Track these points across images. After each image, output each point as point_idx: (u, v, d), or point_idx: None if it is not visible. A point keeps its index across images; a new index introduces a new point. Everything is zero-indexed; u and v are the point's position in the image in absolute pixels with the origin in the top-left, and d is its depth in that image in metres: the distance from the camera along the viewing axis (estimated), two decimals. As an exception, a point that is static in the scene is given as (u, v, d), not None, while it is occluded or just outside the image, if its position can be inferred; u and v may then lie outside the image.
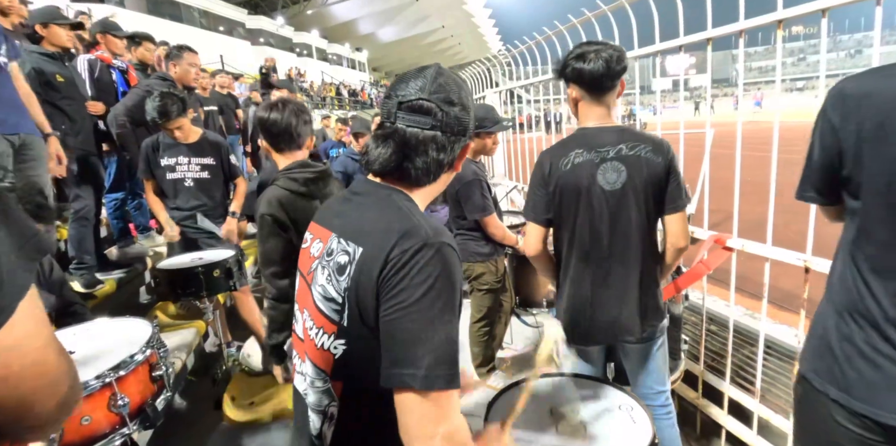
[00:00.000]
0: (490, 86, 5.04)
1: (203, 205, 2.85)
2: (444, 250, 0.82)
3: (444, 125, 0.89)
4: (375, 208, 0.90)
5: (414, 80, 0.90)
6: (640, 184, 1.51)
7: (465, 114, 0.91)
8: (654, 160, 1.50)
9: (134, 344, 1.21)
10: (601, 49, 1.46)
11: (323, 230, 0.96)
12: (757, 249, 1.94)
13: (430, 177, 0.92)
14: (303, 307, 0.97)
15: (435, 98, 0.88)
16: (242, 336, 3.11)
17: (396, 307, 0.79)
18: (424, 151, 0.89)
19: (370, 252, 0.82)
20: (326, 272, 0.89)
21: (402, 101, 0.88)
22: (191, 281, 2.36)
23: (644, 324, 1.62)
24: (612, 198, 1.53)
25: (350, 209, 0.94)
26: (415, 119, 0.88)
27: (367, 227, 0.87)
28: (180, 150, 2.77)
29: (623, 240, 1.56)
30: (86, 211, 3.00)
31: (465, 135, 0.92)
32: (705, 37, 2.01)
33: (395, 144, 0.89)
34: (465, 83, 0.95)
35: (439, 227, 0.86)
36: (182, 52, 3.46)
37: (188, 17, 21.21)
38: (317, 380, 0.92)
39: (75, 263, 3.01)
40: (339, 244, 0.89)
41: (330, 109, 20.65)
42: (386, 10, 31.78)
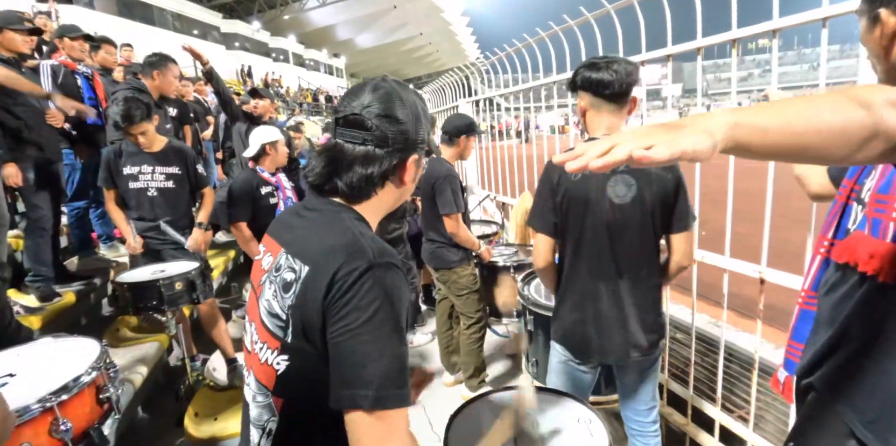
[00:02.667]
0: (468, 94, 5.07)
1: (167, 215, 2.78)
2: (390, 271, 0.82)
3: (378, 139, 0.89)
4: (323, 226, 0.90)
5: (356, 94, 0.91)
6: (649, 199, 1.49)
7: (407, 126, 0.90)
8: (664, 176, 1.48)
9: (80, 366, 1.17)
10: (613, 61, 1.47)
11: (274, 244, 0.96)
12: (716, 261, 1.99)
13: (360, 192, 0.92)
14: (251, 319, 0.97)
15: (368, 111, 0.88)
16: (209, 348, 3.04)
17: (344, 329, 0.79)
18: (350, 165, 0.89)
19: (316, 272, 0.83)
20: (273, 287, 0.89)
21: (339, 115, 0.90)
22: (151, 294, 2.30)
23: (647, 341, 1.59)
24: (620, 211, 1.51)
25: (300, 225, 0.95)
26: (350, 133, 0.89)
27: (313, 246, 0.87)
28: (144, 159, 2.70)
29: (630, 254, 1.54)
30: (43, 221, 2.89)
31: (406, 149, 0.92)
32: (666, 53, 2.06)
33: (327, 158, 0.90)
34: (414, 95, 0.94)
35: (385, 247, 0.86)
36: (167, 63, 3.37)
37: (161, 19, 20.84)
38: (258, 395, 0.92)
39: (31, 275, 2.89)
40: (287, 260, 0.89)
41: (306, 116, 20.45)
42: (364, 16, 31.78)
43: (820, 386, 0.90)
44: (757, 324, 1.88)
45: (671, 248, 1.58)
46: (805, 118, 0.55)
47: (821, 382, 0.89)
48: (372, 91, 0.90)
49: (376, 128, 0.88)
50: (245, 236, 2.91)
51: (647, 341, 1.60)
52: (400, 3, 30.97)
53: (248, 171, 3.02)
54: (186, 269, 2.42)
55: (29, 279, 2.89)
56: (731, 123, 0.56)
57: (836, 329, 0.86)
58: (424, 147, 0.97)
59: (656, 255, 1.58)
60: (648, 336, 1.60)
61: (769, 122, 0.56)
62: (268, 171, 2.99)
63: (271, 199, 2.97)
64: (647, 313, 1.58)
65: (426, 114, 0.97)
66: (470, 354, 2.81)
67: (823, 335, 0.89)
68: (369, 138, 0.88)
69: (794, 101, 0.58)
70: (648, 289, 1.58)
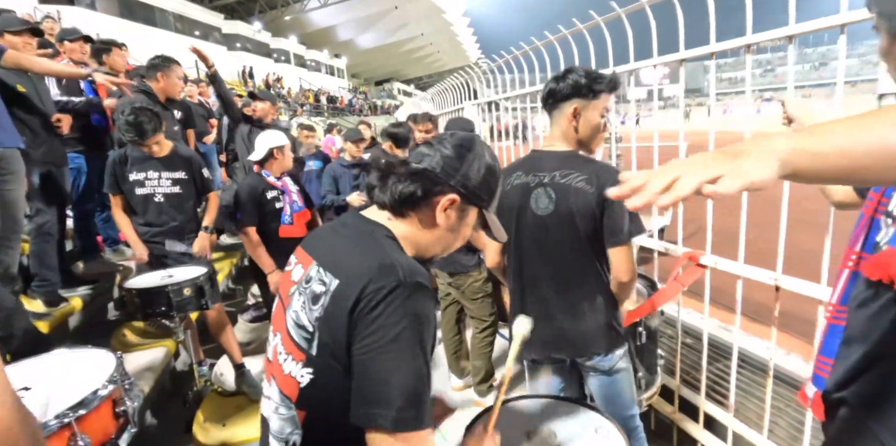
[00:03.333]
0: (473, 96, 5.05)
1: (173, 221, 2.76)
2: (419, 291, 0.83)
3: (433, 164, 0.93)
4: (356, 241, 0.92)
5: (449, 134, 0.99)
6: (567, 212, 1.52)
7: (464, 168, 0.94)
8: (584, 190, 1.49)
9: (96, 379, 1.15)
10: (559, 76, 1.54)
11: (306, 256, 0.97)
12: (729, 267, 1.97)
13: (398, 205, 0.93)
14: (276, 330, 0.98)
15: (443, 142, 0.95)
16: (215, 352, 3.03)
17: (369, 346, 0.79)
18: (401, 177, 0.92)
19: (345, 285, 0.83)
20: (302, 299, 0.89)
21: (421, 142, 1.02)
22: (160, 300, 2.28)
23: (582, 345, 1.61)
24: (542, 223, 1.55)
25: (334, 239, 0.96)
26: (418, 152, 0.96)
27: (345, 260, 0.88)
28: (150, 164, 2.68)
29: (554, 263, 1.58)
30: (48, 226, 2.87)
31: (451, 186, 0.93)
32: (679, 58, 2.05)
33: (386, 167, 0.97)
34: (490, 157, 0.99)
35: (416, 267, 0.86)
36: (170, 64, 3.35)
37: (162, 20, 20.86)
38: (281, 407, 0.92)
39: (37, 280, 2.88)
40: (318, 273, 0.89)
41: (307, 117, 20.44)
42: (365, 16, 31.81)
43: (853, 403, 0.88)
44: (771, 331, 1.87)
45: (610, 260, 1.56)
46: (865, 142, 0.53)
47: (854, 398, 0.88)
48: (459, 135, 0.98)
49: (438, 155, 0.93)
50: (253, 241, 2.90)
51: (582, 349, 1.61)
52: (401, 4, 30.99)
53: (253, 176, 3.00)
54: (195, 275, 2.41)
55: (35, 284, 2.88)
56: (790, 150, 0.54)
57: (871, 345, 0.84)
58: (478, 201, 0.98)
59: (590, 266, 1.57)
60: (585, 344, 1.61)
61: (828, 147, 0.54)
62: (273, 176, 2.97)
63: (277, 204, 2.95)
64: (582, 322, 1.59)
65: (494, 176, 0.99)
66: (481, 358, 2.80)
67: (856, 351, 0.88)
68: (428, 159, 0.93)
69: (850, 122, 0.56)
70: (580, 299, 1.58)
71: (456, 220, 0.97)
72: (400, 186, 0.91)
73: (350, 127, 18.89)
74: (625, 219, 1.50)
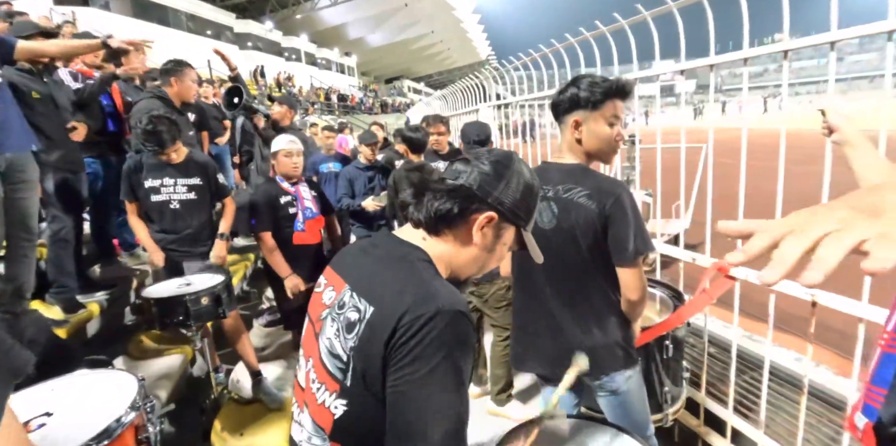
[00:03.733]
0: (483, 98, 5.00)
1: (189, 228, 2.75)
2: (459, 319, 0.79)
3: (470, 180, 0.89)
4: (392, 266, 0.88)
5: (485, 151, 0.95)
6: (568, 227, 1.47)
7: (503, 186, 0.90)
8: (586, 206, 1.43)
9: (118, 404, 1.13)
10: (565, 85, 1.49)
11: (338, 278, 0.94)
12: (762, 280, 1.90)
13: (433, 223, 0.90)
14: (308, 355, 0.94)
15: (481, 158, 0.91)
16: (232, 356, 3.01)
17: (405, 379, 0.76)
18: (437, 194, 0.89)
19: (381, 314, 0.79)
20: (336, 326, 0.86)
21: (457, 157, 0.96)
22: (177, 309, 2.27)
23: (591, 367, 1.52)
24: (545, 236, 1.50)
25: (367, 262, 0.92)
26: (455, 168, 0.92)
27: (380, 286, 0.84)
28: (165, 171, 2.67)
29: (557, 278, 1.54)
30: (65, 232, 2.87)
31: (489, 204, 0.90)
32: (709, 63, 1.98)
33: (420, 183, 0.94)
34: (530, 175, 0.96)
35: (455, 294, 0.82)
36: (183, 68, 3.34)
37: (175, 20, 21.01)
38: (315, 437, 0.89)
39: (55, 287, 2.88)
40: (352, 299, 0.86)
41: (318, 115, 20.48)
42: (375, 15, 31.78)
43: None
44: (807, 347, 1.80)
45: (619, 278, 1.50)
46: None
47: None
48: (495, 152, 0.94)
49: (475, 171, 0.90)
50: (269, 246, 2.88)
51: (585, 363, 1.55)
52: (411, 2, 30.92)
53: (268, 182, 2.99)
54: (212, 284, 2.39)
55: (53, 291, 2.89)
56: None
57: None
58: (516, 219, 0.94)
59: (594, 283, 1.52)
60: (592, 364, 1.52)
61: None
62: (287, 181, 2.94)
63: (290, 209, 2.93)
64: (587, 337, 1.53)
65: (532, 194, 0.96)
66: (502, 366, 2.75)
67: None
68: (465, 175, 0.90)
69: None
70: (586, 315, 1.53)
71: (492, 239, 0.94)
72: (436, 204, 0.88)
73: (361, 125, 18.81)
74: (630, 236, 1.43)
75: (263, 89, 20.82)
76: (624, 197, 1.42)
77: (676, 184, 2.48)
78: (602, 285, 1.52)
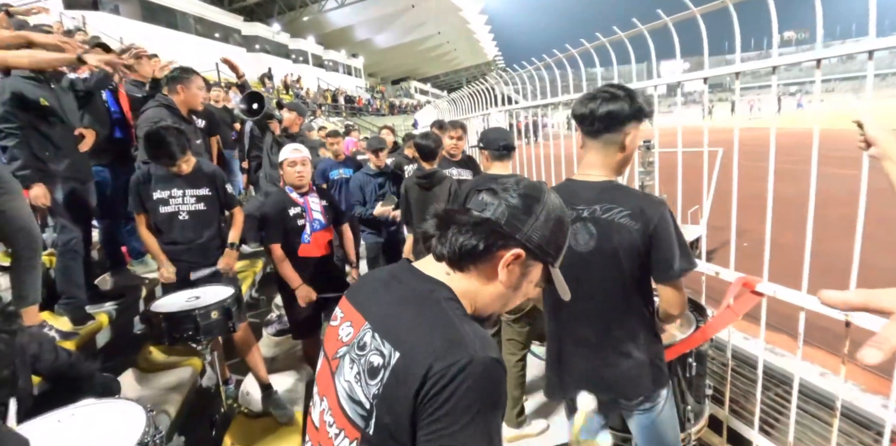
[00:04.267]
0: (493, 102, 4.93)
1: (199, 239, 2.71)
2: (493, 367, 0.73)
3: (498, 212, 0.83)
4: (416, 305, 0.82)
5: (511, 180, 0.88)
6: (610, 250, 1.40)
7: (532, 221, 0.83)
8: (629, 226, 1.37)
9: (126, 442, 1.08)
10: (604, 95, 1.37)
11: (356, 314, 0.88)
12: (791, 297, 1.83)
13: (458, 258, 0.83)
14: (323, 393, 0.88)
15: (508, 189, 0.85)
16: (242, 366, 2.96)
17: (439, 433, 0.70)
18: (462, 228, 0.82)
19: (408, 361, 0.74)
20: (356, 369, 0.80)
21: (482, 187, 0.88)
22: (187, 324, 2.22)
23: (624, 388, 1.51)
24: (581, 259, 1.43)
25: (389, 298, 0.86)
26: (480, 199, 0.86)
27: (405, 329, 0.78)
28: (174, 182, 2.63)
29: (595, 302, 1.47)
30: (74, 243, 2.84)
31: (517, 241, 0.83)
32: (733, 71, 1.90)
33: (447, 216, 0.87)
34: (560, 211, 0.88)
35: (487, 339, 0.77)
36: (190, 75, 3.30)
37: (184, 24, 21.12)
38: None
39: (64, 298, 2.85)
40: (374, 340, 0.80)
41: (326, 117, 20.50)
42: (382, 16, 31.79)
43: None
44: (841, 369, 1.72)
45: (660, 295, 1.47)
46: None
47: None
48: (524, 183, 0.87)
49: (503, 204, 0.83)
50: (278, 257, 2.84)
51: (621, 393, 1.51)
52: (418, 3, 30.92)
53: (278, 192, 2.95)
54: (222, 297, 2.35)
55: (61, 302, 2.85)
56: None
57: None
58: (544, 257, 0.87)
59: (634, 305, 1.47)
60: (624, 387, 1.50)
61: None
62: (296, 191, 2.89)
63: (299, 221, 2.87)
64: (623, 362, 1.48)
65: (563, 230, 0.89)
66: (518, 387, 2.64)
67: None
68: (492, 208, 0.83)
69: None
70: (623, 338, 1.48)
71: (519, 277, 0.87)
72: (461, 238, 0.82)
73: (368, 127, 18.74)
74: (675, 255, 1.38)
75: (271, 92, 20.87)
76: (667, 215, 1.37)
77: (690, 189, 2.41)
78: (640, 306, 1.48)
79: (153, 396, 2.58)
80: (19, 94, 2.60)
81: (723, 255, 2.18)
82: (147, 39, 13.46)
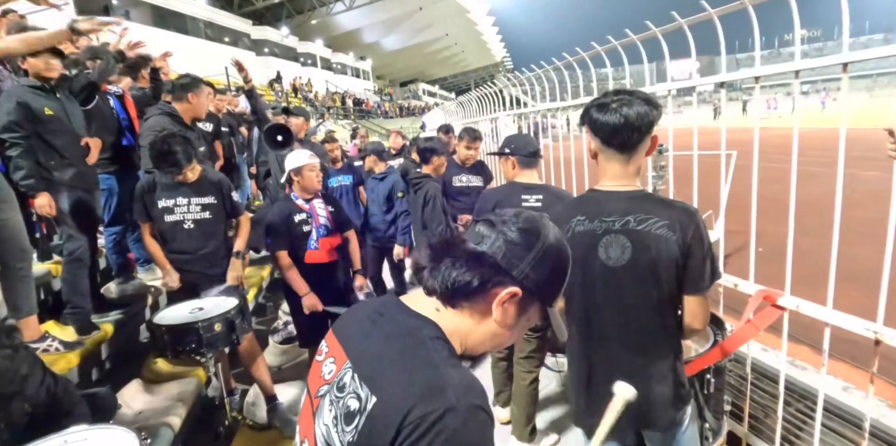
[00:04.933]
0: (499, 105, 4.87)
1: (204, 248, 2.68)
2: (474, 416, 0.68)
3: (494, 248, 0.77)
4: (398, 347, 0.77)
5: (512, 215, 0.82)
6: (647, 263, 1.33)
7: (528, 257, 0.77)
8: (667, 237, 1.30)
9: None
10: (626, 100, 1.29)
11: (339, 350, 0.83)
12: (815, 312, 1.74)
13: (450, 293, 0.78)
14: (304, 435, 0.84)
15: (507, 223, 0.79)
16: (247, 375, 2.91)
17: None
18: (456, 261, 0.77)
19: (384, 407, 0.69)
20: (334, 412, 0.76)
21: (481, 218, 0.83)
22: (189, 337, 2.19)
23: (657, 413, 1.43)
24: (613, 275, 1.36)
25: (373, 335, 0.81)
26: (477, 231, 0.80)
27: (385, 372, 0.74)
28: (179, 191, 2.60)
29: (627, 320, 1.40)
30: (80, 252, 2.81)
31: (513, 278, 0.77)
32: (753, 74, 1.83)
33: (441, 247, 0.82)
34: (561, 249, 0.82)
35: (470, 384, 0.71)
36: (200, 84, 3.26)
37: (194, 28, 21.30)
38: None
39: (69, 307, 2.83)
40: (353, 382, 0.76)
41: (334, 120, 20.53)
42: (390, 18, 31.86)
43: None
44: (870, 388, 1.63)
45: (683, 307, 1.40)
46: None
47: None
48: (524, 216, 0.81)
49: (500, 238, 0.77)
50: (285, 264, 2.80)
51: (654, 415, 1.43)
52: (425, 5, 30.93)
53: (283, 199, 2.91)
54: (225, 309, 2.31)
55: (67, 311, 2.83)
56: None
57: None
58: (542, 297, 0.81)
59: (669, 324, 1.41)
60: (657, 409, 1.42)
61: None
62: (301, 198, 2.85)
63: (305, 227, 2.83)
64: (657, 385, 1.41)
65: (563, 269, 0.83)
66: (530, 406, 2.52)
67: None
68: (489, 241, 0.78)
69: None
70: (654, 361, 1.41)
71: (514, 317, 0.81)
72: (454, 273, 0.76)
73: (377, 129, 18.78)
74: (707, 266, 1.33)
75: (280, 95, 20.97)
76: (702, 225, 1.32)
77: (701, 191, 2.33)
78: (673, 325, 1.42)
79: (157, 408, 2.54)
80: (24, 104, 2.58)
81: (738, 261, 2.10)
82: (158, 44, 13.56)
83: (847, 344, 2.21)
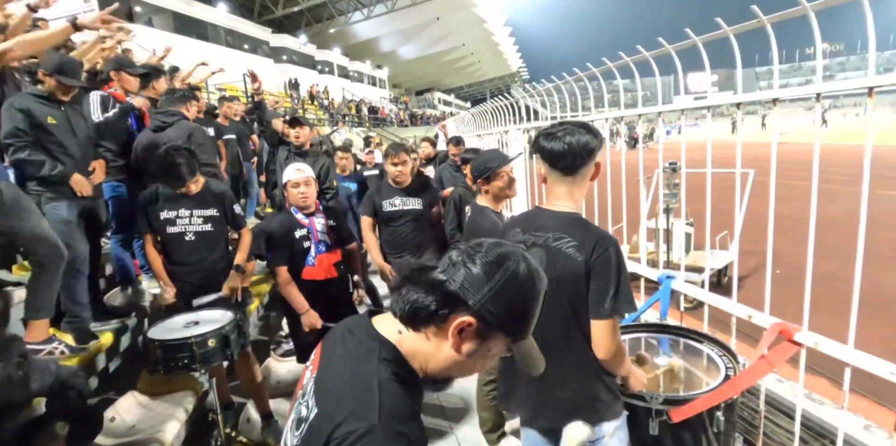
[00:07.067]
0: (509, 117, 4.81)
1: (205, 260, 2.65)
2: (394, 440, 0.69)
3: (454, 275, 0.79)
4: (352, 363, 0.82)
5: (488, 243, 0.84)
6: (553, 277, 1.34)
7: (487, 289, 0.77)
8: (573, 257, 1.42)
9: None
10: (570, 130, 1.45)
11: (317, 359, 0.90)
12: (835, 351, 1.64)
13: (409, 316, 0.80)
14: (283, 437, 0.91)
15: (473, 252, 0.81)
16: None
17: None
18: (415, 287, 0.80)
19: (320, 420, 0.75)
20: (293, 416, 0.85)
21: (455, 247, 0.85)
22: (182, 352, 2.14)
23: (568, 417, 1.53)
24: None
25: (337, 352, 0.87)
26: (449, 258, 0.83)
27: (331, 387, 0.80)
28: (181, 203, 2.58)
29: (539, 327, 1.38)
30: (78, 261, 2.79)
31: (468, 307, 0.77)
32: (771, 96, 1.75)
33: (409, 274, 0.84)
34: (532, 284, 0.82)
35: (400, 409, 0.73)
36: (195, 94, 3.29)
37: (214, 35, 21.68)
38: None
39: (68, 317, 2.81)
40: (310, 392, 0.82)
41: (349, 128, 20.67)
42: (407, 28, 32.15)
43: None
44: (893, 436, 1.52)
45: (592, 333, 1.47)
46: None
47: None
48: (497, 250, 0.81)
49: (461, 269, 0.79)
50: (283, 280, 2.74)
51: (562, 415, 1.54)
52: (443, 15, 31.16)
53: (284, 213, 2.85)
54: (220, 324, 2.26)
55: (66, 320, 2.81)
56: None
57: None
58: (504, 329, 0.81)
59: (575, 334, 1.50)
60: (566, 410, 1.53)
61: None
62: (301, 212, 2.78)
63: (305, 243, 2.76)
64: (566, 387, 1.52)
65: (529, 302, 0.82)
66: (488, 409, 2.58)
67: None
68: (451, 270, 0.80)
69: None
70: (565, 365, 1.50)
71: (474, 347, 0.80)
72: (412, 296, 0.79)
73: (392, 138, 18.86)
74: (609, 292, 1.41)
75: (297, 102, 21.19)
76: (613, 253, 1.40)
77: (714, 210, 2.24)
78: (582, 337, 1.49)
79: (150, 423, 2.50)
80: (27, 111, 2.59)
81: (751, 285, 1.99)
82: (179, 50, 13.78)
83: (867, 378, 2.10)
